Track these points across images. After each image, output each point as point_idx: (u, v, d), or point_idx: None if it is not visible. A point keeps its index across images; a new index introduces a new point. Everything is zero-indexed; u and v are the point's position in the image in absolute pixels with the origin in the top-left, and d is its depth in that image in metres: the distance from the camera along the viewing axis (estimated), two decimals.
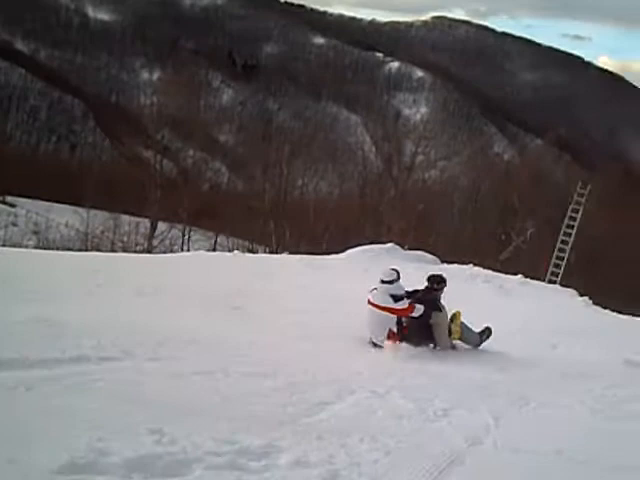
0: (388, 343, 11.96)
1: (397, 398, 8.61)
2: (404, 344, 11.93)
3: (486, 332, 13.00)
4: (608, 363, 12.90)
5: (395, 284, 12.57)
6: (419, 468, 6.33)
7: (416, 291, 12.90)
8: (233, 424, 6.80)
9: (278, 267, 22.70)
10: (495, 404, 8.96)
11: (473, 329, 12.80)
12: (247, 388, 8.31)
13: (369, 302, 12.59)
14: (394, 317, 12.19)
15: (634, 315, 23.18)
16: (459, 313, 12.75)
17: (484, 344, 12.99)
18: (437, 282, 13.16)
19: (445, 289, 13.10)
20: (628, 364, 13.01)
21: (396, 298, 12.32)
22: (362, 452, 6.53)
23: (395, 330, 12.11)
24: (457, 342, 12.74)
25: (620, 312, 22.90)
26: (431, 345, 12.31)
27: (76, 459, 5.41)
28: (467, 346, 12.79)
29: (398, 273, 12.74)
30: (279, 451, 6.24)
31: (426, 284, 13.16)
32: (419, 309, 12.22)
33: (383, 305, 12.29)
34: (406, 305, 12.22)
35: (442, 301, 12.90)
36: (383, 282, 12.60)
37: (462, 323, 12.66)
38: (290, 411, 7.58)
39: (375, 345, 12.20)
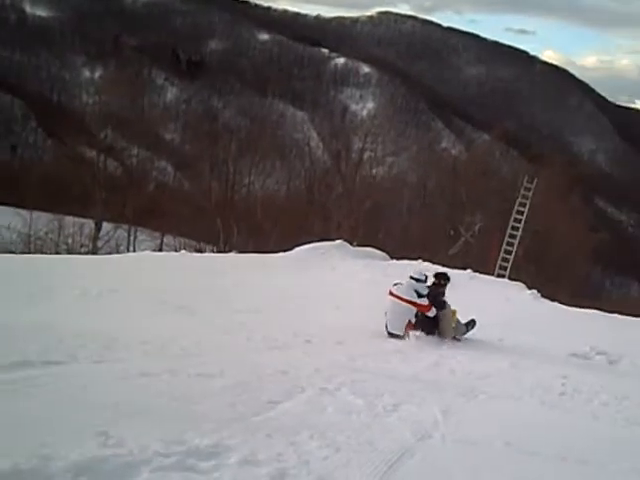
0: (408, 331, 13.35)
1: (347, 395, 8.55)
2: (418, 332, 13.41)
3: (471, 323, 14.29)
4: (556, 355, 13.06)
5: (421, 284, 13.89)
6: (369, 464, 6.29)
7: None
8: (181, 424, 6.70)
9: (226, 266, 22.63)
10: (444, 398, 8.97)
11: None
12: (195, 388, 8.20)
13: (392, 294, 13.90)
14: (413, 310, 13.57)
15: (580, 306, 23.51)
16: (455, 311, 14.08)
17: (469, 333, 14.21)
18: (443, 279, 14.61)
19: (448, 285, 14.56)
20: (575, 356, 13.16)
21: (419, 295, 13.70)
22: (311, 449, 6.48)
23: (413, 322, 13.53)
24: None
25: (567, 304, 23.20)
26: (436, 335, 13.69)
27: (20, 465, 5.27)
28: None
29: (427, 277, 14.11)
30: (228, 450, 6.16)
31: (433, 280, 14.49)
32: (434, 311, 13.65)
33: (407, 298, 13.66)
34: (426, 302, 13.64)
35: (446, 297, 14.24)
36: (412, 278, 13.95)
37: (457, 320, 14.10)
38: (239, 410, 7.48)
39: (391, 335, 13.45)
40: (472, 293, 19.82)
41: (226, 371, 9.03)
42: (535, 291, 25.06)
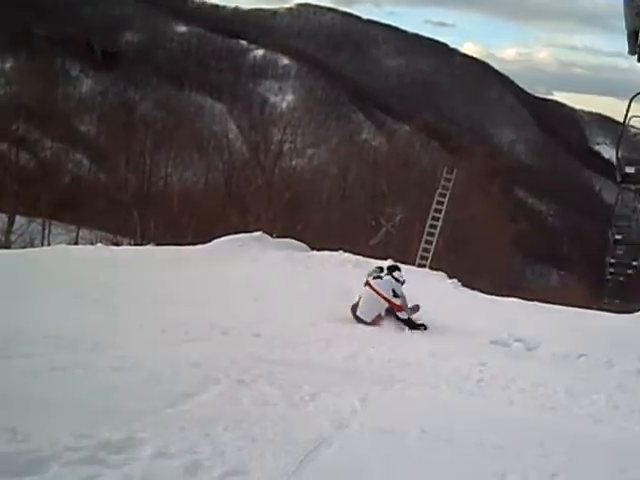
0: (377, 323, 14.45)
1: (263, 386, 8.50)
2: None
3: (415, 307, 15.42)
4: (475, 343, 13.15)
5: (400, 284, 15.20)
6: (285, 454, 6.27)
7: None
8: (92, 418, 6.57)
9: (143, 259, 22.31)
10: (362, 386, 8.97)
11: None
12: (107, 382, 8.03)
13: (369, 285, 15.05)
14: (385, 306, 14.68)
15: (500, 295, 23.75)
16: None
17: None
18: (394, 270, 15.89)
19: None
20: (494, 343, 13.25)
21: (395, 294, 14.83)
22: (226, 441, 6.43)
23: (383, 315, 14.63)
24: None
25: (487, 293, 23.42)
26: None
27: None
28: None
29: (404, 281, 15.42)
30: (140, 443, 6.09)
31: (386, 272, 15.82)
32: (405, 314, 14.67)
33: (384, 294, 14.75)
34: (399, 303, 14.76)
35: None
36: (392, 277, 15.29)
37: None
38: (153, 403, 7.36)
39: (358, 319, 14.47)
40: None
41: (140, 364, 8.89)
42: (456, 280, 25.21)
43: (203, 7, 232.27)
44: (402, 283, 15.42)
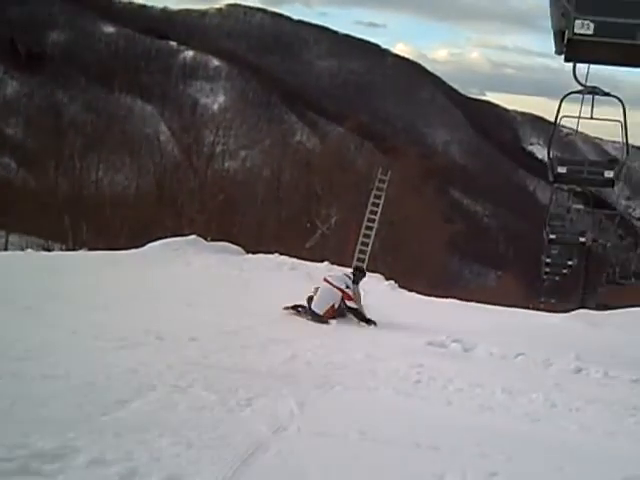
0: (328, 315, 15.30)
1: (200, 390, 8.43)
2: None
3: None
4: (413, 344, 13.19)
5: (352, 282, 16.10)
6: (222, 459, 6.23)
7: None
8: (24, 428, 6.44)
9: (75, 265, 22.10)
10: (300, 390, 8.93)
11: None
12: (40, 390, 7.88)
13: (326, 280, 16.02)
14: (339, 297, 15.54)
15: (437, 296, 23.93)
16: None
17: None
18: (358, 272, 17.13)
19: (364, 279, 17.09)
20: (432, 344, 13.31)
21: (347, 286, 15.83)
22: (162, 447, 6.37)
23: (336, 307, 15.46)
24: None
25: (424, 294, 23.57)
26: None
27: None
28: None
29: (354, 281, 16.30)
30: (74, 451, 6.00)
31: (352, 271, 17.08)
32: (353, 304, 15.68)
33: (337, 285, 15.77)
34: (352, 293, 15.76)
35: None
36: (345, 274, 16.52)
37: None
38: (86, 410, 7.24)
39: (313, 314, 15.25)
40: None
41: (73, 372, 8.73)
42: (393, 282, 25.34)
43: (130, 7, 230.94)
44: (356, 283, 16.28)
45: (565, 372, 12.19)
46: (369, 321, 15.39)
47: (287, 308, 15.89)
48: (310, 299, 15.73)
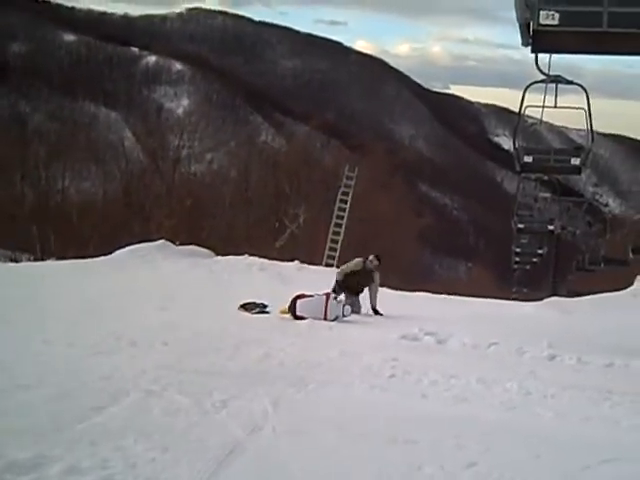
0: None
1: (174, 394, 8.40)
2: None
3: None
4: (386, 339, 13.19)
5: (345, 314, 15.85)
6: (198, 462, 6.22)
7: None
8: None
9: (44, 274, 22.01)
10: (274, 389, 8.91)
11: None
12: (13, 401, 7.84)
13: (327, 298, 15.70)
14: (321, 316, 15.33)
15: (409, 290, 24.00)
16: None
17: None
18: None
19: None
20: (405, 338, 13.32)
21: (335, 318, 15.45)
22: (138, 453, 6.35)
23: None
24: None
25: (396, 288, 23.61)
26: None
27: None
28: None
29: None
30: (50, 461, 5.97)
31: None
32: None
33: (327, 309, 15.42)
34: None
35: None
36: (344, 305, 16.11)
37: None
38: (61, 419, 7.20)
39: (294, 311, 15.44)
40: (301, 284, 19.85)
41: (46, 381, 8.70)
42: None
43: (91, 15, 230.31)
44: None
45: (539, 360, 12.21)
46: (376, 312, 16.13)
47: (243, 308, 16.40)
48: (294, 303, 15.67)
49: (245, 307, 16.40)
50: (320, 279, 22.15)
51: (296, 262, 26.79)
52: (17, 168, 48.58)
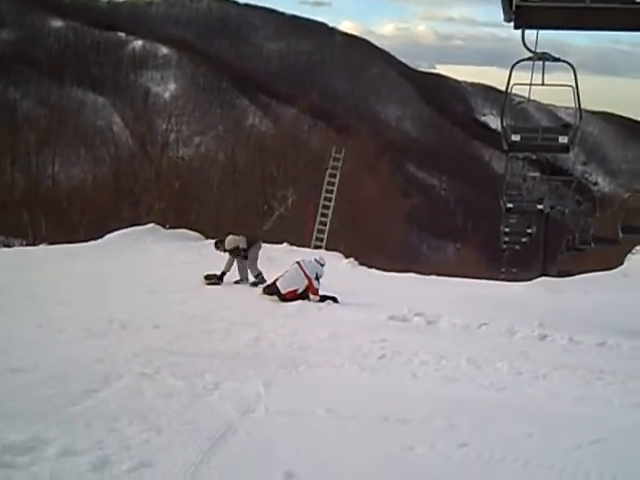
0: (289, 296, 15.50)
1: (166, 377, 8.44)
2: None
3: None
4: (376, 320, 13.22)
5: (323, 268, 16.32)
6: (191, 443, 6.26)
7: None
8: None
9: (36, 259, 22.03)
10: (266, 371, 8.96)
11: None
12: (8, 384, 7.89)
13: (299, 264, 16.08)
14: (305, 283, 15.67)
15: (397, 271, 24.04)
16: None
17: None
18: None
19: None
20: (394, 319, 13.35)
21: (317, 277, 15.92)
22: (132, 435, 6.39)
23: (299, 291, 15.62)
24: None
25: (384, 270, 23.66)
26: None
27: None
28: None
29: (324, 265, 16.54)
30: (45, 443, 6.02)
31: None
32: (315, 298, 15.53)
33: (308, 273, 15.77)
34: (316, 286, 15.73)
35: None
36: (316, 261, 16.45)
37: None
38: (56, 402, 7.24)
39: (276, 291, 15.62)
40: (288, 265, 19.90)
41: (40, 365, 8.74)
42: (352, 259, 25.50)
43: (78, 1, 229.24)
44: (323, 265, 16.54)
45: (530, 340, 12.26)
46: (331, 298, 15.66)
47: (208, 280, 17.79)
48: (275, 287, 15.81)
49: (206, 277, 17.91)
50: None
51: (285, 244, 26.86)
52: (7, 154, 48.55)
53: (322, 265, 16.40)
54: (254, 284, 18.01)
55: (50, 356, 9.30)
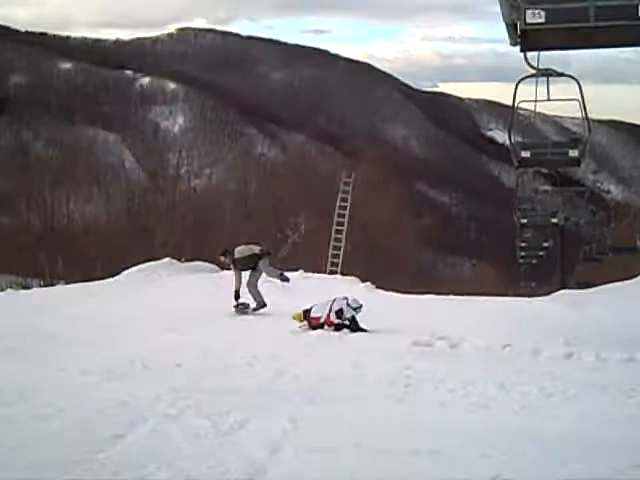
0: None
1: (191, 417, 8.35)
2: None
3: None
4: (398, 346, 13.07)
5: (352, 310, 15.52)
6: None
7: None
8: (24, 474, 6.44)
9: (54, 300, 21.96)
10: (291, 406, 8.85)
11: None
12: (35, 433, 7.82)
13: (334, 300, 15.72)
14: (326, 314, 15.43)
15: (415, 293, 23.88)
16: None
17: None
18: None
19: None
20: (417, 344, 13.21)
21: (338, 315, 15.42)
22: None
23: (321, 320, 15.45)
24: None
25: (402, 292, 23.52)
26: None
27: None
28: None
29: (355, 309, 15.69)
30: None
31: None
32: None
33: (333, 307, 15.47)
34: (336, 321, 15.38)
35: None
36: (348, 304, 15.59)
37: None
38: (83, 449, 7.16)
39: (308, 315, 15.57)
40: (307, 293, 19.80)
41: (65, 410, 8.69)
42: (369, 283, 25.32)
43: (85, 42, 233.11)
44: (357, 309, 15.74)
45: (556, 359, 12.04)
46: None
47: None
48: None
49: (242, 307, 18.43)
50: (325, 287, 22.15)
51: (300, 271, 26.75)
52: (22, 195, 48.87)
53: (353, 308, 15.72)
54: (250, 309, 18.30)
55: (74, 401, 9.24)
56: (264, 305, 18.42)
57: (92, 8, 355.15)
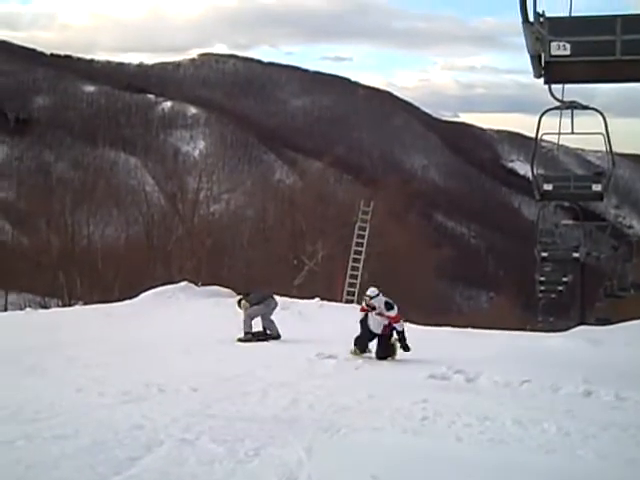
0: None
1: (207, 443, 8.32)
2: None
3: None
4: (414, 379, 12.95)
5: (376, 298, 15.80)
6: None
7: None
8: None
9: (72, 320, 22.13)
10: (306, 435, 8.79)
11: None
12: (51, 452, 7.81)
13: (364, 310, 16.10)
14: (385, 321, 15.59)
15: (432, 324, 23.75)
16: None
17: None
18: None
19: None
20: (433, 377, 13.09)
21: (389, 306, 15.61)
22: None
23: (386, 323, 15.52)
24: None
25: (418, 323, 23.39)
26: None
27: None
28: None
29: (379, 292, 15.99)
30: None
31: None
32: (401, 325, 15.71)
33: (380, 309, 15.55)
34: (394, 314, 15.53)
35: None
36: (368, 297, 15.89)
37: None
38: (99, 471, 7.19)
39: (372, 334, 15.68)
40: (322, 321, 19.78)
41: (82, 431, 8.70)
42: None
43: (109, 66, 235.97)
44: (377, 295, 15.88)
45: (574, 397, 11.85)
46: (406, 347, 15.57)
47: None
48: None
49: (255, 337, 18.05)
50: (340, 315, 22.11)
51: (316, 299, 26.72)
52: (43, 216, 49.22)
53: (372, 297, 15.93)
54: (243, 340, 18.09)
55: (91, 422, 9.24)
56: (279, 336, 18.36)
57: (116, 32, 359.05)
